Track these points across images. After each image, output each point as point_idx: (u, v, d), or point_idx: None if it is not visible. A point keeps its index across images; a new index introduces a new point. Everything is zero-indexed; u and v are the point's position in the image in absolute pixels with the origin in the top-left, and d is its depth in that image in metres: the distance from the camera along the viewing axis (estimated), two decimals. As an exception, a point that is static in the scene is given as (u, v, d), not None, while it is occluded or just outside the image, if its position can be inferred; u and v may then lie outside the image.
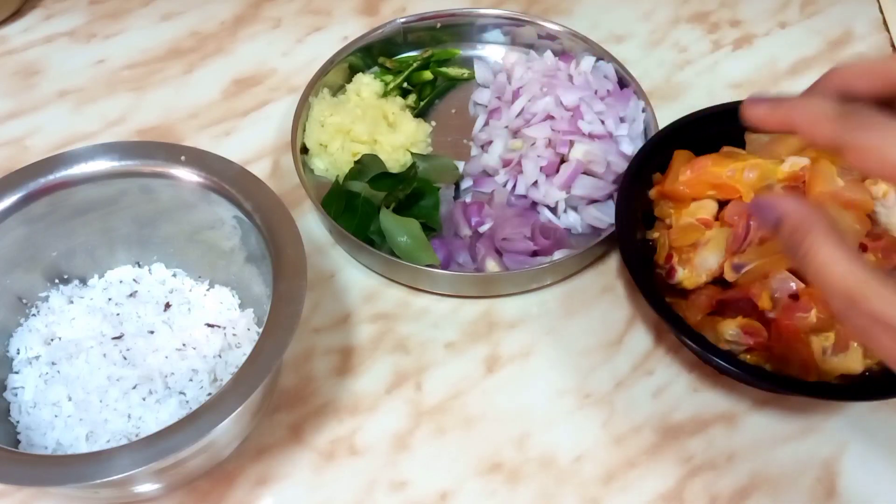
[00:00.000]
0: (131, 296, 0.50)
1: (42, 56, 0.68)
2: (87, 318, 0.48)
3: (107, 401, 0.45)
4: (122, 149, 0.48)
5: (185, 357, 0.47)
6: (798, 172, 0.52)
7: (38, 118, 0.64)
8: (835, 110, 0.31)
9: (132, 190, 0.48)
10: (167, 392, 0.45)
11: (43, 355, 0.47)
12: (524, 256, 0.55)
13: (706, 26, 0.73)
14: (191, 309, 0.50)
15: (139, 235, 0.50)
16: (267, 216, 0.45)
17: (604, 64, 0.64)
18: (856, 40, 0.72)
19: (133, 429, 0.44)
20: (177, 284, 0.51)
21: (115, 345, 0.47)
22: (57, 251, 0.49)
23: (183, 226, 0.50)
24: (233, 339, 0.48)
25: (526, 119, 0.60)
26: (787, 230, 0.32)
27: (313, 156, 0.60)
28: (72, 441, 0.44)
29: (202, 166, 0.47)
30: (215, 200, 0.47)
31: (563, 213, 0.58)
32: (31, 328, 0.48)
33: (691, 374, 0.52)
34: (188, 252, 0.51)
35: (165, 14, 0.72)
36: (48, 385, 0.46)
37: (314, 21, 0.72)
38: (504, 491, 0.47)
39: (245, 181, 0.47)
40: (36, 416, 0.45)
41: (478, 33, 0.68)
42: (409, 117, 0.62)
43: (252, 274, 0.49)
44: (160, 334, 0.48)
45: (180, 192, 0.48)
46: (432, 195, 0.56)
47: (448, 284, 0.54)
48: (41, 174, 0.47)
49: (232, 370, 0.47)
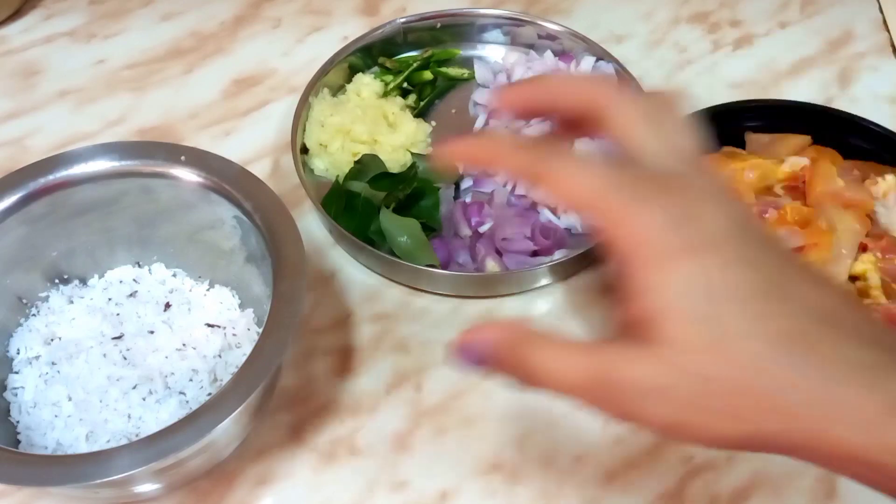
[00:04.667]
0: (131, 296, 0.50)
1: (42, 56, 0.68)
2: (87, 318, 0.48)
3: (107, 401, 0.45)
4: (121, 149, 0.48)
5: (186, 357, 0.47)
6: (798, 172, 0.52)
7: (38, 118, 0.64)
8: (527, 140, 0.29)
9: (132, 190, 0.48)
10: (167, 392, 0.45)
11: (43, 355, 0.47)
12: (524, 256, 0.55)
13: (706, 26, 0.73)
14: (191, 309, 0.50)
15: (139, 235, 0.50)
16: (267, 216, 0.45)
17: (604, 64, 0.64)
18: (856, 40, 0.72)
19: (133, 429, 0.44)
20: (177, 284, 0.51)
21: (115, 345, 0.47)
22: (57, 251, 0.49)
23: (183, 226, 0.50)
24: (233, 339, 0.48)
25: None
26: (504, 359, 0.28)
27: (313, 156, 0.60)
28: (72, 441, 0.44)
29: (202, 166, 0.47)
30: (215, 200, 0.47)
31: (563, 213, 0.58)
32: (31, 328, 0.48)
33: (691, 374, 0.52)
34: (188, 252, 0.51)
35: (165, 14, 0.72)
36: (48, 385, 0.46)
37: (314, 21, 0.72)
38: (504, 491, 0.47)
39: (245, 181, 0.47)
40: (36, 416, 0.45)
41: (478, 33, 0.68)
42: (409, 117, 0.62)
43: (252, 274, 0.49)
44: (160, 334, 0.48)
45: (180, 193, 0.48)
46: (432, 195, 0.56)
47: (448, 284, 0.54)
48: (41, 174, 0.46)
49: (232, 370, 0.47)
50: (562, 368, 0.27)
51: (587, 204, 0.27)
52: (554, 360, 0.27)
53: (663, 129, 0.29)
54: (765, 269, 0.26)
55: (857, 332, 0.26)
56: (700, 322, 0.25)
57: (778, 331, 0.25)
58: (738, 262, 0.26)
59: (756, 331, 0.25)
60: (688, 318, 0.25)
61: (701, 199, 0.27)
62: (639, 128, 0.29)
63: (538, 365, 0.27)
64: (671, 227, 0.26)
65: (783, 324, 0.25)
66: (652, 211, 0.26)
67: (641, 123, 0.29)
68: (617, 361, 0.26)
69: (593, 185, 0.27)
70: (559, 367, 0.27)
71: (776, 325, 0.25)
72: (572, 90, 0.31)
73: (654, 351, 0.25)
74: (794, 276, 0.26)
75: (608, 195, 0.26)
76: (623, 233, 0.26)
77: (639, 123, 0.29)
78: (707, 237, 0.26)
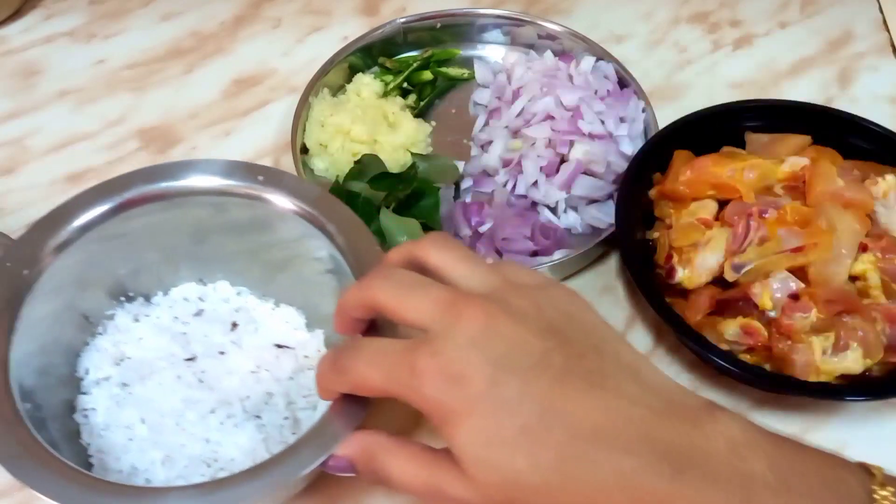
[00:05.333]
0: (197, 314, 0.49)
1: (42, 56, 0.68)
2: (156, 337, 0.47)
3: (183, 424, 0.43)
4: (198, 167, 0.46)
5: (260, 380, 0.45)
6: (798, 172, 0.52)
7: (38, 118, 0.64)
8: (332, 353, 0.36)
9: (206, 208, 0.47)
10: (244, 416, 0.44)
11: (113, 376, 0.46)
12: (524, 256, 0.55)
13: (706, 26, 0.73)
14: (258, 329, 0.48)
15: (203, 252, 0.49)
16: (349, 237, 0.44)
17: (604, 64, 0.64)
18: (856, 40, 0.72)
19: (211, 453, 0.43)
20: (241, 303, 0.50)
21: (189, 366, 0.45)
22: (125, 269, 0.48)
23: (249, 243, 0.48)
24: (304, 360, 0.47)
25: (526, 119, 0.60)
26: (362, 468, 0.36)
27: (313, 156, 0.60)
28: (147, 465, 0.42)
29: (279, 185, 0.46)
30: (292, 219, 0.46)
31: (563, 213, 0.58)
32: (98, 347, 0.47)
33: (691, 374, 0.52)
34: (253, 269, 0.49)
35: (165, 14, 0.72)
36: (120, 407, 0.44)
37: (314, 21, 0.72)
38: (504, 491, 0.47)
39: (324, 201, 0.46)
40: (108, 438, 0.44)
41: (478, 33, 0.68)
42: (409, 117, 0.62)
43: (322, 293, 0.47)
44: (231, 355, 0.46)
45: (256, 211, 0.46)
46: (432, 195, 0.56)
47: (448, 284, 0.54)
48: (115, 193, 0.45)
49: (304, 393, 0.46)
50: (405, 477, 0.34)
51: (386, 393, 0.34)
52: (401, 471, 0.34)
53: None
54: (527, 404, 0.31)
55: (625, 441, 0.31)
56: (486, 465, 0.31)
57: (554, 459, 0.31)
58: (500, 407, 0.31)
59: (534, 464, 0.31)
60: (478, 462, 0.31)
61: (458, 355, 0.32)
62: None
63: (387, 473, 0.34)
64: (442, 393, 0.31)
65: (557, 452, 0.31)
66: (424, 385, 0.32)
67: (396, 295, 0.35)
68: (445, 480, 0.33)
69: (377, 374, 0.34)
70: (404, 478, 0.34)
71: (551, 455, 0.31)
72: None
73: (467, 481, 0.32)
74: (559, 398, 0.31)
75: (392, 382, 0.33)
76: (419, 406, 0.33)
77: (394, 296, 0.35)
78: (470, 394, 0.31)
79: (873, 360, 0.47)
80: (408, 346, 0.33)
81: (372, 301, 0.35)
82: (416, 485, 0.34)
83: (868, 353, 0.47)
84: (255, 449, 0.43)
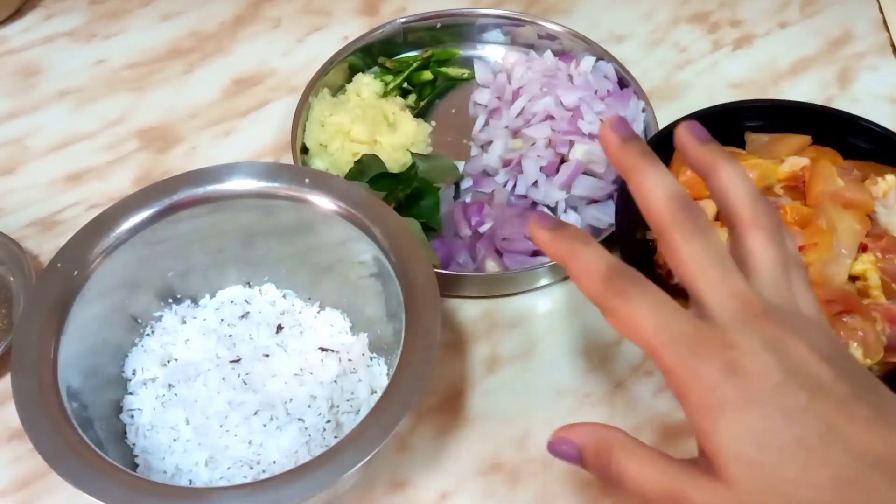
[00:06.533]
0: (243, 317, 0.49)
1: (42, 56, 0.68)
2: (202, 339, 0.47)
3: (227, 426, 0.43)
4: (246, 170, 0.47)
5: (304, 383, 0.45)
6: (798, 172, 0.52)
7: (38, 118, 0.64)
8: (608, 268, 0.32)
9: (255, 211, 0.47)
10: (287, 419, 0.44)
11: (160, 377, 0.46)
12: (524, 256, 0.55)
13: (706, 26, 0.73)
14: (303, 332, 0.48)
15: (250, 255, 0.49)
16: (395, 242, 0.44)
17: (604, 64, 0.64)
18: (856, 40, 0.72)
19: (254, 455, 0.43)
20: (287, 306, 0.50)
21: (233, 368, 0.46)
22: (174, 271, 0.48)
23: (297, 247, 0.48)
24: (348, 364, 0.47)
25: (526, 119, 0.60)
26: (590, 459, 0.33)
27: (313, 156, 0.60)
28: (191, 466, 0.42)
29: (327, 189, 0.46)
30: (338, 223, 0.46)
31: (563, 213, 0.58)
32: (146, 348, 0.47)
33: (691, 374, 0.52)
34: (299, 273, 0.50)
35: (165, 14, 0.72)
36: (165, 408, 0.45)
37: (314, 21, 0.72)
38: (504, 491, 0.47)
39: (371, 205, 0.46)
40: (153, 439, 0.44)
41: (478, 33, 0.68)
42: (409, 117, 0.62)
43: (367, 296, 0.47)
44: (276, 358, 0.46)
45: (302, 215, 0.46)
46: (432, 195, 0.56)
47: (448, 285, 0.54)
48: (166, 194, 0.45)
49: (348, 396, 0.46)
50: (642, 479, 0.31)
51: (647, 348, 0.31)
52: (637, 470, 0.31)
53: None
54: (810, 418, 0.29)
55: None
56: (752, 467, 0.29)
57: (830, 478, 0.28)
58: (782, 413, 0.29)
59: (807, 478, 0.28)
60: (741, 463, 0.29)
61: (751, 353, 0.30)
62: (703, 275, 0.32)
63: (621, 472, 0.32)
64: (720, 381, 0.29)
65: (834, 472, 0.28)
66: (704, 367, 0.29)
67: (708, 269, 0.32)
68: (690, 485, 0.30)
69: (656, 332, 0.30)
70: (640, 478, 0.31)
71: (827, 473, 0.28)
72: None
73: (718, 485, 0.29)
74: (843, 421, 0.29)
75: (667, 348, 0.30)
76: (678, 381, 0.30)
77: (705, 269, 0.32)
78: (752, 391, 0.29)
79: (873, 360, 0.47)
80: (698, 324, 0.31)
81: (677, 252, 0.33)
82: (656, 489, 0.31)
83: (868, 353, 0.47)
84: (297, 451, 0.43)
